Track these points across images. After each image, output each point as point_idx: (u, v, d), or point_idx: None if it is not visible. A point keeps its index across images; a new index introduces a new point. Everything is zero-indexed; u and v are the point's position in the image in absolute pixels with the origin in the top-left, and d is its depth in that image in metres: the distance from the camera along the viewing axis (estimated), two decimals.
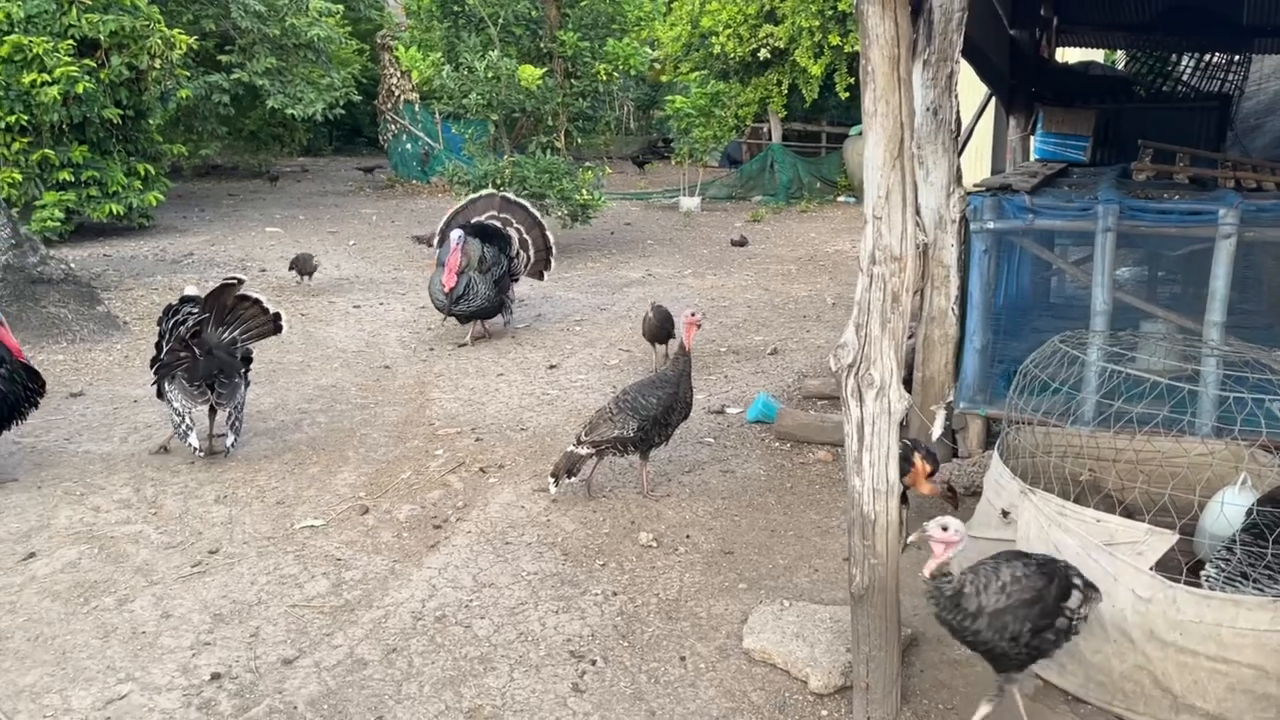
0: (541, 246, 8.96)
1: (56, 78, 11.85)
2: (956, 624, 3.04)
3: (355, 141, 28.79)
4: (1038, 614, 3.00)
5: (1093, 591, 3.14)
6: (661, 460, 5.59)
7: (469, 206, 8.97)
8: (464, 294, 7.99)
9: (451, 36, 12.59)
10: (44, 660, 3.67)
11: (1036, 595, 3.02)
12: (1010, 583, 3.03)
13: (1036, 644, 3.03)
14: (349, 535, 4.76)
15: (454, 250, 7.96)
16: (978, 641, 3.05)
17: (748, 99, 17.19)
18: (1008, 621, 2.99)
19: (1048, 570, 3.09)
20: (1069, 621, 3.06)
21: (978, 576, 3.06)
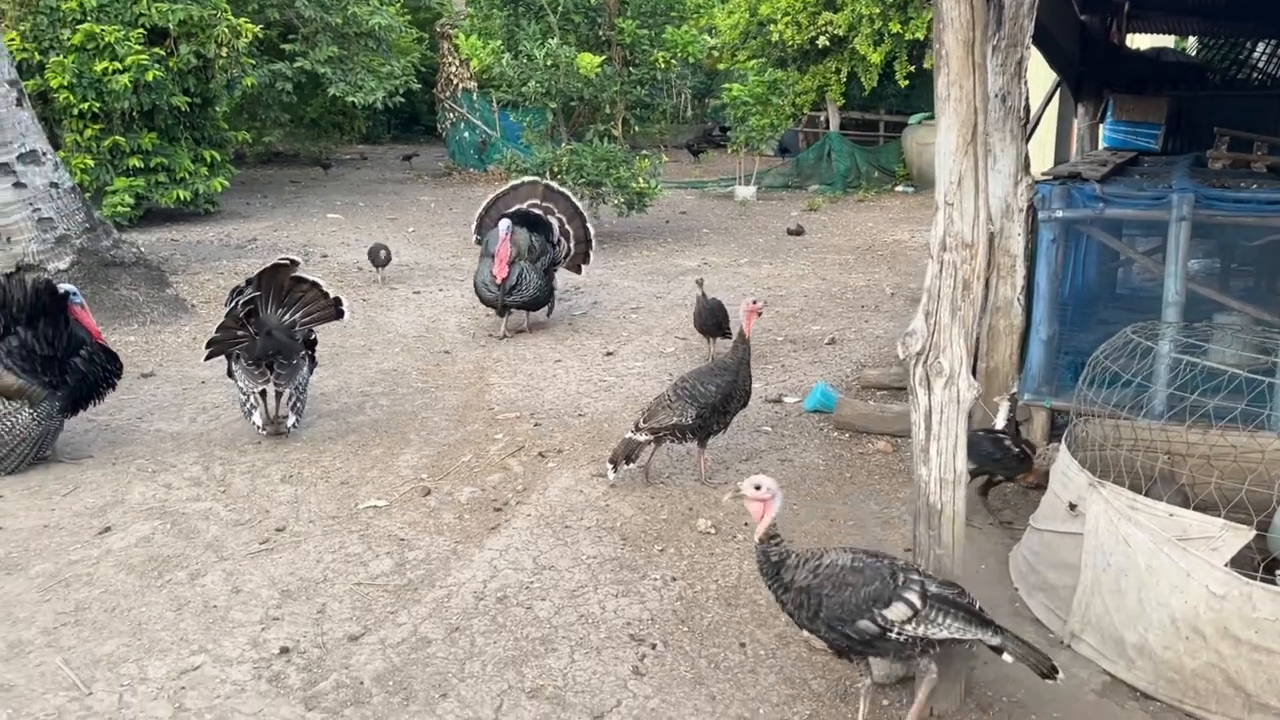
0: (581, 238, 8.76)
1: (127, 66, 12.13)
2: (772, 589, 3.19)
3: (413, 129, 29.05)
4: (838, 604, 3.05)
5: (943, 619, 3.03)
6: (719, 448, 5.58)
7: (510, 193, 8.78)
8: (516, 285, 7.88)
9: (511, 24, 12.64)
10: (120, 631, 3.78)
11: (842, 585, 3.07)
12: (826, 567, 3.13)
13: (842, 633, 3.07)
14: (411, 516, 4.83)
15: (503, 240, 7.81)
16: (787, 613, 3.20)
17: (805, 87, 17.04)
18: (805, 599, 3.09)
19: (870, 573, 3.09)
20: (880, 629, 3.03)
21: (807, 556, 3.18)
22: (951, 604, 3.07)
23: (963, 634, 3.05)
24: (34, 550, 4.40)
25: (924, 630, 3.04)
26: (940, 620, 3.04)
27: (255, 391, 5.66)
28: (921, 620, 3.03)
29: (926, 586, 3.08)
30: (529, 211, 8.46)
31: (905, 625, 3.03)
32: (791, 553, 3.17)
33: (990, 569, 4.26)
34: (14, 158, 7.76)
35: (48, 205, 7.95)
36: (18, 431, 5.15)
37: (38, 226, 7.92)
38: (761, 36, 17.04)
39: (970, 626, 3.05)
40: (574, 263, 8.79)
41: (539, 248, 8.19)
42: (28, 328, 5.18)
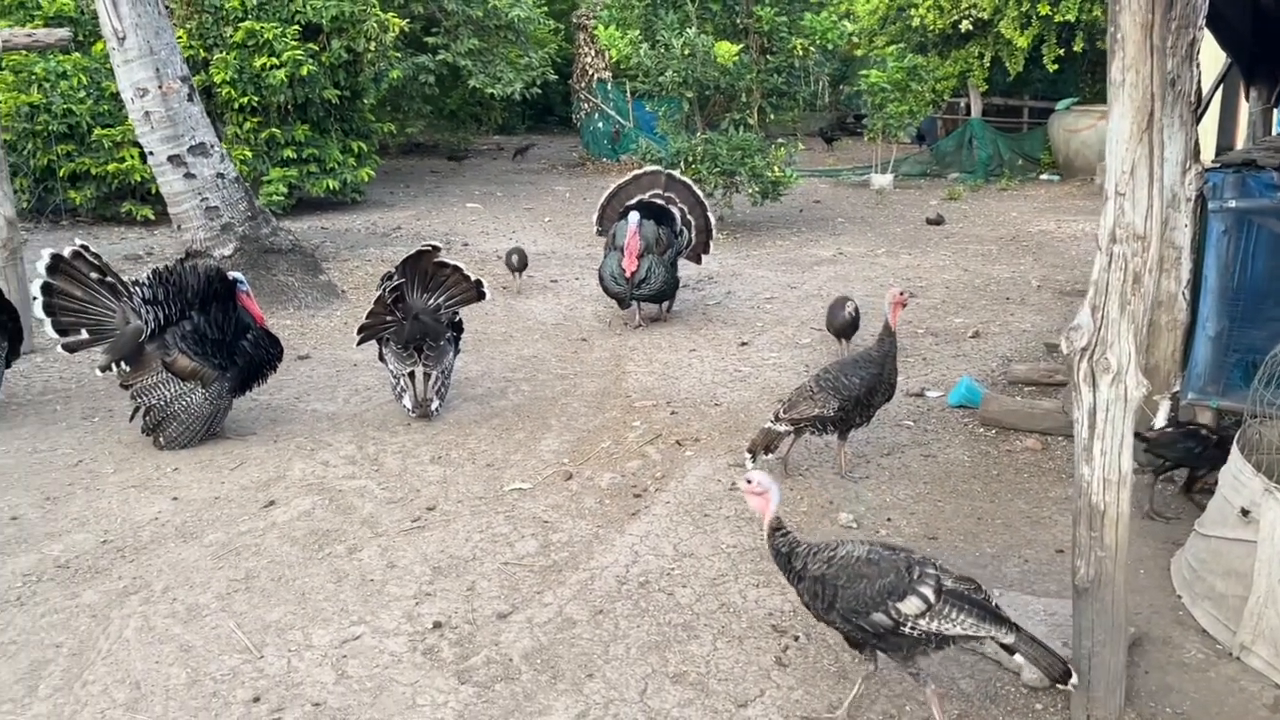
0: (702, 228, 8.60)
1: (283, 61, 12.70)
2: (787, 578, 3.25)
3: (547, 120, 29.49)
4: (852, 595, 3.05)
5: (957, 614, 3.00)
6: (859, 441, 5.51)
7: (631, 184, 8.61)
8: (645, 278, 7.80)
9: (649, 14, 12.69)
10: (286, 599, 3.99)
11: (857, 577, 3.07)
12: (841, 558, 3.14)
13: (856, 624, 3.07)
14: (554, 499, 4.94)
15: (632, 233, 7.72)
16: (804, 604, 3.23)
17: (946, 73, 16.54)
18: (820, 590, 3.11)
19: (886, 565, 3.09)
20: (894, 623, 3.02)
21: (820, 547, 3.21)
22: (966, 600, 3.05)
23: (976, 630, 3.03)
24: (207, 520, 4.68)
25: (937, 625, 3.02)
26: (954, 616, 3.01)
27: (405, 374, 5.89)
28: (935, 615, 3.01)
29: (942, 581, 3.06)
30: (652, 202, 8.37)
31: (919, 620, 3.01)
32: (801, 543, 3.23)
33: (1150, 574, 4.09)
34: (185, 150, 8.25)
35: (214, 195, 8.42)
36: (191, 410, 5.48)
37: (205, 215, 8.40)
38: (901, 21, 16.62)
39: (984, 623, 3.02)
40: (694, 252, 8.69)
41: (665, 240, 8.12)
42: (201, 313, 5.51)
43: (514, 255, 9.49)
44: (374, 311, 6.05)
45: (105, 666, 3.51)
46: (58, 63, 12.28)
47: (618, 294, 7.99)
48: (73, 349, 5.51)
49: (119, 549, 4.38)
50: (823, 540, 3.31)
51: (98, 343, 5.46)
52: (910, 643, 3.06)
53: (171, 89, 8.07)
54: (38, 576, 4.14)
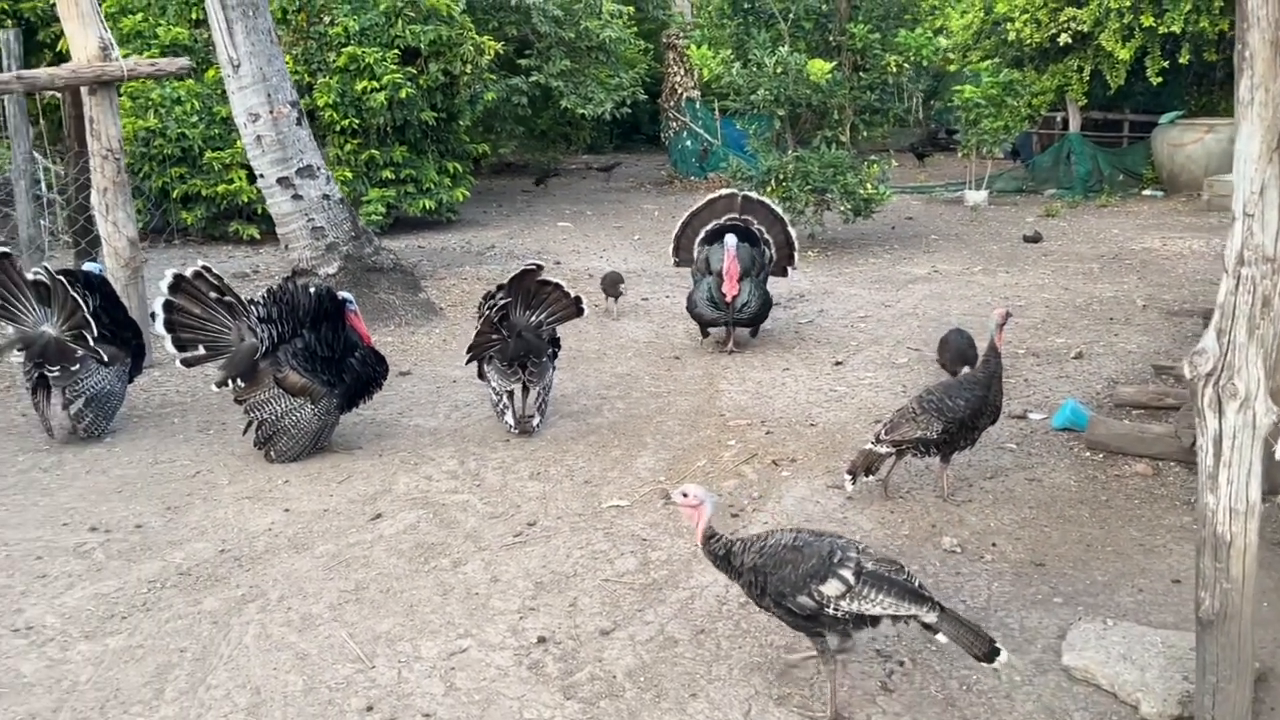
0: (782, 243, 8.31)
1: (383, 84, 13.07)
2: (733, 579, 3.46)
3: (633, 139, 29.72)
4: (779, 580, 3.25)
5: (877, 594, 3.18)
6: (960, 464, 5.42)
7: (705, 210, 8.36)
8: (745, 301, 7.64)
9: (741, 34, 12.74)
10: (395, 611, 4.09)
11: (783, 563, 3.27)
12: (770, 546, 3.34)
13: (785, 608, 3.27)
14: (652, 517, 4.97)
15: (730, 256, 7.50)
16: (748, 595, 3.44)
17: (1043, 87, 16.17)
18: (755, 578, 3.31)
19: (810, 550, 3.28)
20: (818, 605, 3.21)
21: (752, 539, 3.42)
22: (886, 580, 3.21)
23: (896, 609, 3.18)
24: (317, 532, 4.83)
25: (858, 606, 3.19)
26: (874, 596, 3.18)
27: (508, 391, 6.03)
28: (855, 596, 3.18)
29: (862, 564, 3.24)
30: (733, 226, 8.07)
31: (840, 601, 3.19)
32: (735, 542, 3.42)
33: (1275, 607, 3.93)
34: (293, 172, 8.56)
35: (320, 215, 8.71)
36: (301, 425, 5.67)
37: (311, 235, 8.69)
38: (996, 36, 16.32)
39: (904, 602, 3.18)
40: (778, 266, 8.42)
41: (758, 262, 7.96)
42: (311, 331, 5.70)
43: (609, 279, 9.37)
44: (481, 331, 6.20)
45: (226, 672, 3.65)
46: (173, 89, 12.86)
47: (713, 320, 7.80)
48: (190, 364, 5.75)
49: (236, 558, 4.55)
50: (753, 534, 3.51)
51: (213, 359, 5.69)
52: (834, 623, 3.26)
53: (281, 114, 8.39)
54: (161, 583, 4.32)
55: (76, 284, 6.10)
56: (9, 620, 4.01)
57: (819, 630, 3.32)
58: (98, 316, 6.07)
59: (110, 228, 7.33)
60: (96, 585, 4.29)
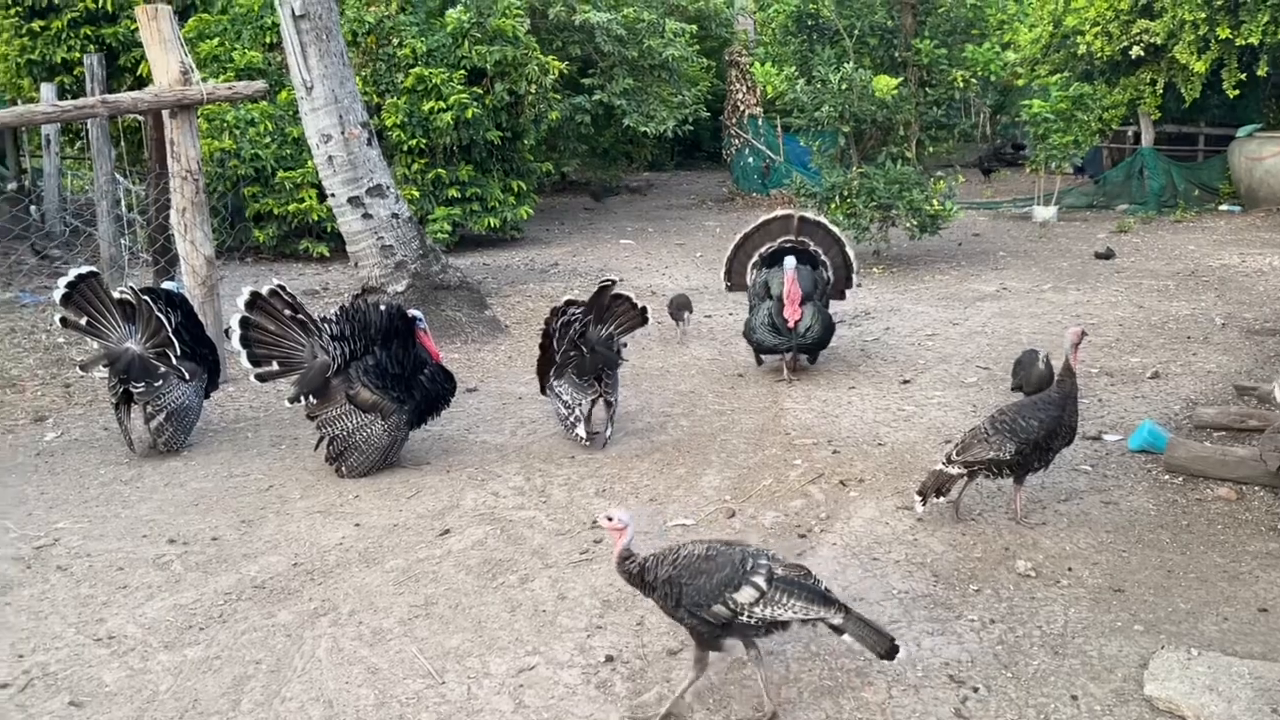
0: (840, 265, 8.02)
1: (450, 105, 13.29)
2: (648, 595, 3.47)
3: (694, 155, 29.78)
4: (694, 590, 3.31)
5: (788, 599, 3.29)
6: (1033, 485, 5.30)
7: (759, 232, 8.07)
8: (809, 325, 7.34)
9: (805, 50, 12.72)
10: (464, 627, 4.12)
11: (698, 573, 3.33)
12: (684, 558, 3.38)
13: (700, 618, 3.33)
14: (718, 536, 4.93)
15: (791, 279, 7.25)
16: (661, 608, 3.46)
17: (1115, 101, 15.91)
18: (670, 590, 3.34)
19: (723, 560, 3.36)
20: (731, 612, 3.29)
21: (664, 553, 3.45)
22: (797, 585, 3.33)
23: (806, 614, 3.31)
24: (387, 547, 4.89)
25: (770, 611, 3.29)
26: (785, 601, 3.29)
27: (583, 403, 6.12)
28: (768, 602, 3.28)
29: (774, 570, 3.34)
30: (792, 249, 7.78)
31: (753, 607, 3.28)
32: (648, 558, 3.45)
33: None
34: (363, 191, 8.72)
35: (389, 234, 8.86)
36: (371, 440, 5.75)
37: (380, 253, 8.84)
38: (1065, 49, 16.11)
39: (813, 606, 3.30)
40: (836, 289, 8.13)
41: (819, 284, 7.71)
42: (383, 349, 5.79)
43: (676, 303, 9.02)
44: (565, 350, 6.23)
45: (300, 684, 3.70)
46: (246, 111, 13.21)
47: (774, 346, 7.49)
48: (264, 379, 5.87)
49: (309, 571, 4.62)
50: (666, 546, 3.52)
51: (287, 375, 5.80)
52: (748, 629, 3.35)
53: (353, 134, 8.56)
54: (237, 595, 4.40)
55: (159, 302, 6.28)
56: (92, 630, 4.12)
57: (732, 638, 3.41)
58: (179, 333, 6.23)
59: (188, 247, 7.53)
60: (175, 596, 4.39)
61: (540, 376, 6.62)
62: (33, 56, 15.40)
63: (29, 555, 4.82)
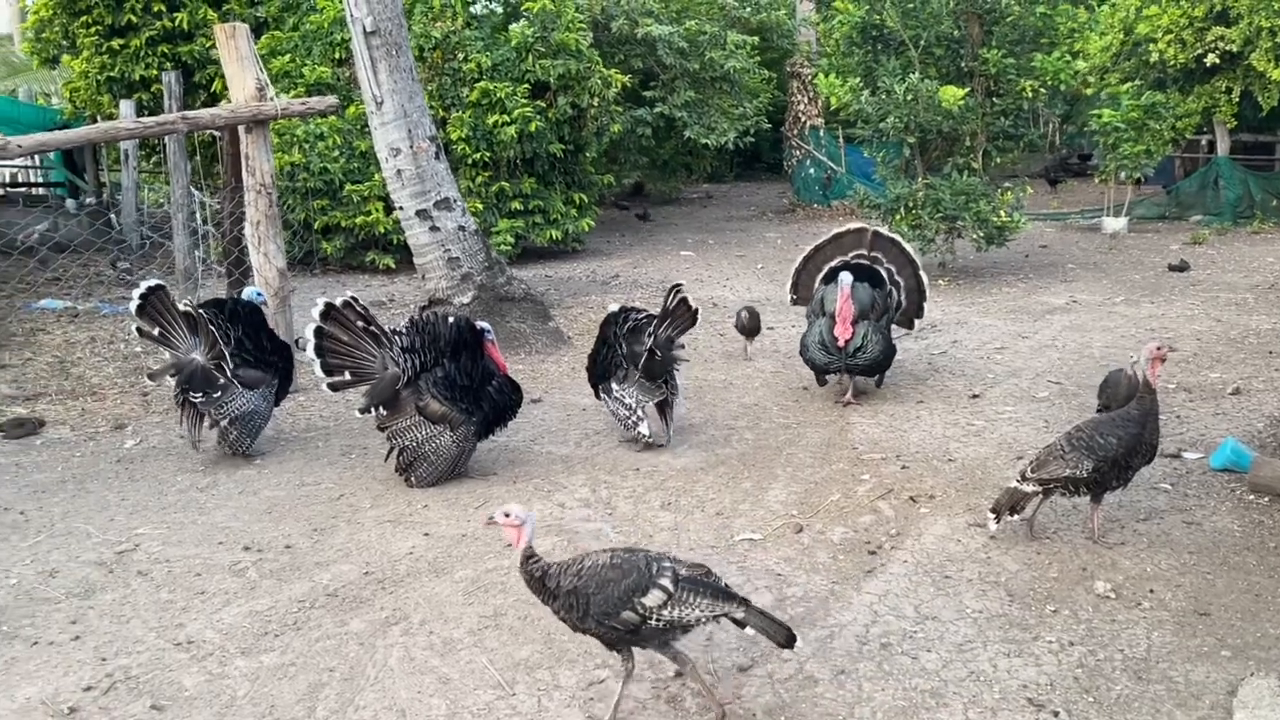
0: (913, 288, 7.60)
1: (514, 118, 13.43)
2: (545, 602, 3.45)
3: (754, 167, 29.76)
4: (602, 600, 3.31)
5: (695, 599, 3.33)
6: (1110, 504, 5.17)
7: (830, 244, 7.76)
8: (861, 345, 6.95)
9: (869, 61, 12.62)
10: (533, 638, 4.13)
11: (605, 582, 3.33)
12: (588, 569, 3.38)
13: (609, 626, 3.33)
14: (785, 552, 4.89)
15: (844, 296, 6.89)
16: (561, 619, 3.45)
17: (1188, 109, 15.55)
18: (575, 601, 3.34)
19: (628, 566, 3.37)
20: (641, 617, 3.31)
21: (568, 563, 3.44)
22: (701, 584, 3.37)
23: (713, 610, 3.35)
24: (456, 557, 4.92)
25: (678, 612, 3.32)
26: (692, 600, 3.33)
27: (649, 403, 6.30)
28: (675, 603, 3.32)
29: (678, 571, 3.38)
30: (859, 265, 7.50)
31: (661, 610, 3.31)
32: (552, 564, 3.44)
33: None
34: (431, 204, 8.84)
35: (456, 246, 8.96)
36: (440, 451, 5.81)
37: (447, 265, 8.95)
38: (1137, 57, 15.79)
39: (719, 602, 3.35)
40: (905, 316, 7.72)
41: (880, 304, 7.31)
42: (452, 360, 5.85)
43: (745, 321, 8.75)
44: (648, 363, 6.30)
45: (374, 693, 3.74)
46: (316, 125, 13.47)
47: (824, 365, 7.16)
48: (336, 388, 5.96)
49: (379, 580, 4.67)
50: (569, 558, 3.52)
51: (358, 385, 5.89)
52: (657, 633, 3.36)
53: (421, 148, 8.68)
54: (310, 603, 4.47)
55: (220, 314, 6.40)
56: (171, 634, 4.21)
57: (639, 643, 3.42)
58: (241, 344, 6.35)
59: (261, 259, 7.69)
60: (251, 603, 4.47)
61: (593, 381, 6.71)
62: (112, 74, 15.92)
63: (111, 560, 4.94)
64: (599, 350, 6.64)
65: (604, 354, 6.60)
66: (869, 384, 7.62)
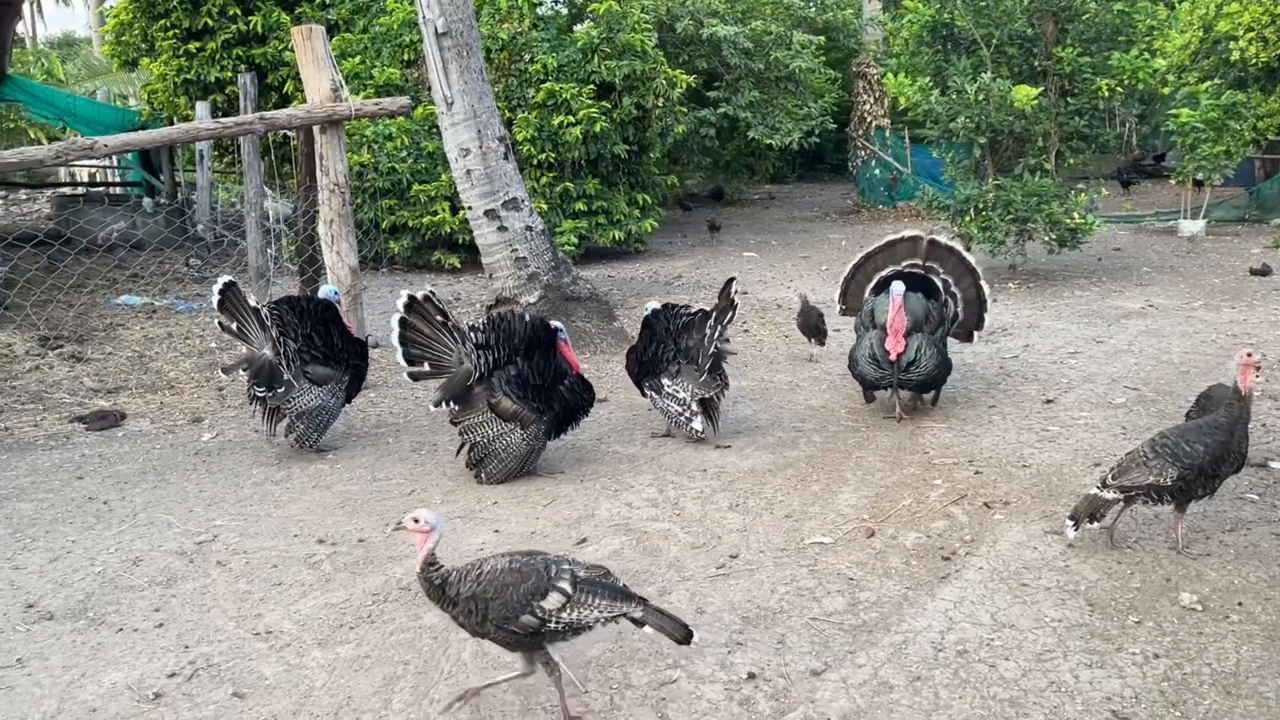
0: (972, 299, 7.20)
1: (579, 119, 13.49)
2: (445, 610, 3.44)
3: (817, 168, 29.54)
4: (501, 605, 3.32)
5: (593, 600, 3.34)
6: (1195, 514, 5.03)
7: (883, 252, 7.39)
8: (914, 360, 6.61)
9: (939, 60, 12.45)
10: (603, 636, 4.10)
11: (503, 587, 3.33)
12: (487, 574, 3.38)
13: (509, 630, 3.35)
14: (857, 556, 4.84)
15: (896, 307, 6.57)
16: (461, 624, 3.44)
17: (1271, 109, 15.05)
18: (474, 607, 3.34)
19: (527, 570, 3.38)
20: (540, 620, 3.33)
21: (466, 569, 3.42)
22: (600, 585, 3.39)
23: (611, 611, 3.36)
24: None
25: (577, 614, 3.34)
26: (590, 602, 3.34)
27: (706, 396, 6.37)
28: (574, 605, 3.33)
29: (576, 573, 3.40)
30: (912, 274, 7.14)
31: (560, 613, 3.32)
32: (452, 571, 3.42)
33: None
34: (499, 204, 8.91)
35: (523, 246, 9.02)
36: (510, 449, 5.85)
37: (514, 265, 9.01)
38: (1216, 55, 15.35)
39: (617, 603, 3.36)
40: (963, 328, 7.29)
41: (936, 316, 6.93)
42: (525, 359, 5.89)
43: (809, 320, 8.64)
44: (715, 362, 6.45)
45: (448, 687, 3.77)
46: (385, 126, 13.67)
47: (875, 380, 6.80)
48: (416, 378, 6.09)
49: None
50: (467, 563, 3.49)
51: (436, 376, 5.99)
52: (556, 635, 3.39)
53: (490, 149, 8.76)
54: (384, 596, 4.52)
55: (290, 312, 6.51)
56: (250, 624, 4.29)
57: (540, 645, 3.43)
58: (310, 340, 6.46)
59: (334, 257, 7.82)
60: (326, 595, 4.54)
61: (638, 378, 6.79)
62: (188, 76, 16.33)
63: (191, 550, 5.06)
64: (644, 347, 6.67)
65: (652, 350, 6.63)
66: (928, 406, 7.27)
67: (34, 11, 40.87)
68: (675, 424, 6.58)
